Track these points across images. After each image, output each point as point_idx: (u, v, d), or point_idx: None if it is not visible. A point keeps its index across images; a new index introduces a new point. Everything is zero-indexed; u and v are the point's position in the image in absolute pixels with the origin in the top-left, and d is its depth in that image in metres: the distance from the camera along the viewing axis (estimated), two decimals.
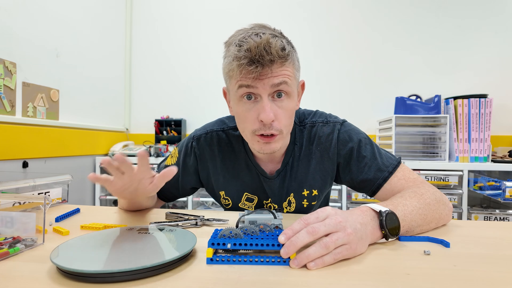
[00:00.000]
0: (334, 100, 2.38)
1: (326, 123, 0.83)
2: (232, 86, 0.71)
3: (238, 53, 0.64)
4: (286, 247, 0.46)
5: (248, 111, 0.70)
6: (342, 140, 0.81)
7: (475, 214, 1.86)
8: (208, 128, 0.88)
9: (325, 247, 0.47)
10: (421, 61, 2.31)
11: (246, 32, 0.68)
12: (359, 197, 1.98)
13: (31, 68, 1.66)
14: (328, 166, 0.83)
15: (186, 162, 0.88)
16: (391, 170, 0.78)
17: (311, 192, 0.84)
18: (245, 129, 0.73)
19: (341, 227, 0.49)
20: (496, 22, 2.22)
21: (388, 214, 0.56)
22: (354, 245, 0.49)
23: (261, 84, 0.66)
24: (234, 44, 0.66)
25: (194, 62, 2.53)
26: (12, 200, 0.73)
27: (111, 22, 2.39)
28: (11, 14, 1.55)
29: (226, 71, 0.71)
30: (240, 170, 0.85)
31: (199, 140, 0.87)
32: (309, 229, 0.48)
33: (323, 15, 2.41)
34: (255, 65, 0.63)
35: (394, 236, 0.56)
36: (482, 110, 1.91)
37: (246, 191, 0.87)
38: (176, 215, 0.75)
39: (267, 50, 0.63)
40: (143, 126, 2.57)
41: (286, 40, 0.69)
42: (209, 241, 0.48)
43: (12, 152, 1.52)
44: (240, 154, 0.85)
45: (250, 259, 0.47)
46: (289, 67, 0.68)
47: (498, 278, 0.43)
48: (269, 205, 0.87)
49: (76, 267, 0.41)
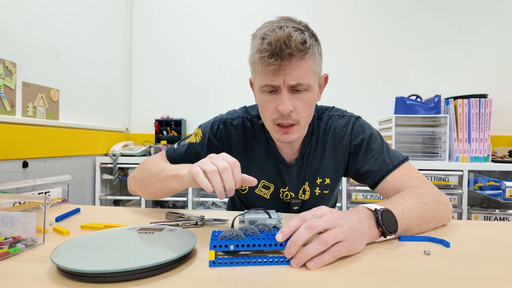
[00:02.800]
0: (334, 100, 2.36)
1: (342, 117, 0.89)
2: (255, 78, 0.76)
3: (260, 46, 0.68)
4: (288, 247, 0.47)
5: (269, 101, 0.74)
6: (355, 132, 0.86)
7: (475, 214, 1.86)
8: (235, 114, 0.92)
9: (323, 243, 0.47)
10: (421, 61, 2.31)
11: (271, 24, 0.71)
12: (359, 197, 1.98)
13: (31, 68, 1.66)
14: (341, 155, 0.87)
15: (211, 143, 0.90)
16: (396, 164, 0.80)
17: (324, 180, 0.88)
18: (266, 118, 0.78)
19: (337, 224, 0.49)
20: (496, 22, 2.22)
21: (384, 211, 0.56)
22: (351, 241, 0.49)
23: (280, 81, 0.70)
24: (259, 37, 0.70)
25: (194, 62, 2.53)
26: (12, 200, 0.73)
27: (111, 22, 2.39)
28: (11, 14, 1.55)
29: (251, 62, 0.76)
30: (260, 157, 0.89)
31: (226, 124, 0.90)
32: (308, 223, 0.49)
33: (323, 15, 2.41)
34: (275, 58, 0.67)
35: (392, 234, 0.55)
36: (482, 110, 1.91)
37: (263, 179, 0.90)
38: (176, 215, 0.75)
39: (287, 44, 0.66)
40: (143, 126, 2.57)
41: (309, 34, 0.71)
42: (210, 244, 0.47)
43: (12, 152, 1.52)
44: (262, 141, 0.89)
45: (253, 260, 0.47)
46: (308, 61, 0.70)
47: (498, 278, 0.43)
48: (286, 193, 0.90)
49: (76, 267, 0.41)
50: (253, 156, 0.89)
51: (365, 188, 1.96)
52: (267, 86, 0.72)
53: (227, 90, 2.46)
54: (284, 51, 0.66)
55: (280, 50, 0.66)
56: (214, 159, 0.60)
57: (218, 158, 0.60)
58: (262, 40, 0.68)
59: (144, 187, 0.80)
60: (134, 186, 0.86)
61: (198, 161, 0.87)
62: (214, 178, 0.56)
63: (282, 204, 0.91)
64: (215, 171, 0.57)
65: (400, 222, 0.58)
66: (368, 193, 1.97)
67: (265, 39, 0.68)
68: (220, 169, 0.57)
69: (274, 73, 0.69)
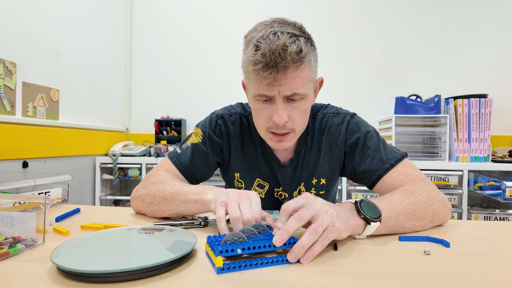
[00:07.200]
0: (334, 100, 2.36)
1: (336, 114, 0.86)
2: (249, 85, 0.73)
3: (254, 57, 0.65)
4: (294, 252, 0.47)
5: (263, 110, 0.72)
6: (350, 130, 0.84)
7: (475, 214, 1.86)
8: (232, 110, 0.90)
9: (315, 233, 0.48)
10: (421, 61, 2.31)
11: (265, 29, 0.67)
12: (359, 197, 1.98)
13: (31, 68, 1.66)
14: (336, 155, 0.85)
15: (212, 139, 0.88)
16: (393, 163, 0.78)
17: (319, 181, 0.87)
18: (260, 126, 0.76)
19: (322, 210, 0.51)
20: (496, 22, 2.22)
21: (363, 201, 0.58)
22: (337, 224, 0.50)
23: (275, 92, 0.67)
24: (252, 43, 0.66)
25: (194, 61, 2.53)
26: (12, 200, 0.73)
27: (111, 22, 2.39)
28: (11, 14, 1.55)
29: (244, 69, 0.72)
30: (256, 156, 0.88)
31: (224, 118, 0.88)
32: (295, 216, 0.50)
33: (323, 15, 2.41)
34: (270, 70, 0.64)
35: (375, 220, 0.56)
36: (482, 110, 1.91)
37: (258, 177, 0.89)
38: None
39: (282, 56, 0.63)
40: (143, 126, 2.57)
41: (304, 39, 0.67)
42: (216, 250, 0.45)
43: (12, 152, 1.52)
44: (257, 140, 0.87)
45: (260, 262, 0.46)
46: (304, 69, 0.68)
47: (498, 278, 0.43)
48: (280, 193, 0.89)
49: (76, 267, 0.41)
50: (249, 154, 0.88)
51: (365, 188, 1.95)
52: (261, 96, 0.70)
53: (227, 90, 2.46)
54: (279, 64, 0.63)
55: (275, 62, 0.63)
56: (242, 204, 0.57)
57: (245, 205, 0.57)
58: (256, 51, 0.65)
59: (157, 211, 0.73)
60: (142, 208, 0.77)
61: (206, 160, 0.87)
62: (235, 226, 0.55)
63: (277, 203, 0.91)
64: (238, 219, 0.55)
65: (387, 215, 0.59)
66: (368, 193, 1.97)
67: (258, 49, 0.64)
68: (244, 220, 0.55)
69: (269, 84, 0.66)
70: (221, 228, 0.56)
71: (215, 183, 2.06)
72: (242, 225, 0.55)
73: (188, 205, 0.68)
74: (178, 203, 0.70)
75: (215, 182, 2.08)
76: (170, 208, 0.71)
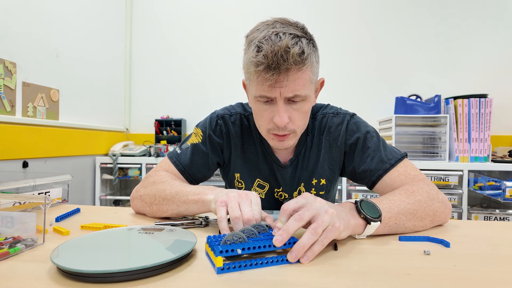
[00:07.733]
0: (334, 100, 2.36)
1: (336, 114, 0.86)
2: (250, 86, 0.73)
3: (255, 58, 0.65)
4: (294, 252, 0.47)
5: (264, 111, 0.72)
6: (350, 130, 0.84)
7: (475, 214, 1.86)
8: (232, 110, 0.90)
9: (315, 233, 0.48)
10: (421, 61, 2.31)
11: (267, 29, 0.66)
12: (359, 197, 1.98)
13: (31, 68, 1.66)
14: (336, 155, 0.85)
15: (212, 140, 0.88)
16: (393, 163, 0.78)
17: (319, 181, 0.87)
18: (261, 126, 0.76)
19: (322, 209, 0.51)
20: (496, 22, 2.22)
21: (363, 200, 0.58)
22: (337, 223, 0.50)
23: (277, 93, 0.67)
24: (254, 44, 0.66)
25: (194, 61, 2.53)
26: (12, 200, 0.73)
27: (111, 22, 2.39)
28: (11, 14, 1.55)
29: (245, 69, 0.72)
30: (256, 156, 0.88)
31: (224, 118, 0.88)
32: (296, 217, 0.50)
33: (323, 15, 2.41)
34: (271, 72, 0.64)
35: (376, 220, 0.56)
36: (482, 110, 1.91)
37: (259, 177, 0.89)
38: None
39: (284, 58, 0.63)
40: (143, 126, 2.57)
41: (306, 40, 0.67)
42: (216, 250, 0.45)
43: (12, 152, 1.52)
44: (257, 140, 0.87)
45: (261, 262, 0.46)
46: (306, 71, 0.67)
47: (498, 278, 0.43)
48: (280, 193, 0.89)
49: (76, 267, 0.41)
50: (249, 154, 0.88)
51: (365, 188, 1.95)
52: (263, 97, 0.70)
53: (227, 90, 2.46)
54: (281, 66, 0.63)
55: (277, 64, 0.63)
56: (242, 204, 0.58)
57: (245, 205, 0.57)
58: (258, 52, 0.64)
59: (157, 211, 0.73)
60: (142, 208, 0.77)
61: (206, 160, 0.87)
62: (236, 225, 0.55)
63: (277, 204, 0.91)
64: (238, 219, 0.55)
65: (387, 215, 0.59)
66: (368, 193, 1.97)
67: (260, 50, 0.64)
68: (244, 220, 0.55)
69: (271, 85, 0.66)
70: (223, 227, 0.56)
71: (215, 183, 2.06)
72: (243, 224, 0.55)
73: (189, 205, 0.68)
74: (179, 203, 0.70)
75: (215, 182, 2.08)
76: (171, 208, 0.71)
